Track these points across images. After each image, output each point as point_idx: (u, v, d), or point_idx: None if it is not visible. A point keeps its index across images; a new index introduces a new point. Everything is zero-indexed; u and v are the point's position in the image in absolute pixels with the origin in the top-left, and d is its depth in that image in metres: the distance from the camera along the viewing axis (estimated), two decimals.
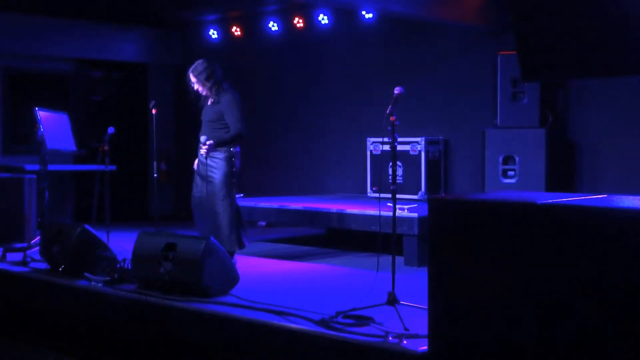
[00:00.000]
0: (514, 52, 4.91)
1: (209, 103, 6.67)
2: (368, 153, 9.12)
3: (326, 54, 10.08)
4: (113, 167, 7.71)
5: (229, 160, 6.53)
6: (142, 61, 11.54)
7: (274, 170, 10.61)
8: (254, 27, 10.65)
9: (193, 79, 6.61)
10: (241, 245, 6.66)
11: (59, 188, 9.87)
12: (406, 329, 4.31)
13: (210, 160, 6.53)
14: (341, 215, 7.53)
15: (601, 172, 7.70)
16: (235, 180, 6.60)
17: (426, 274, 3.98)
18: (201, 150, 6.54)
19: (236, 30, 10.80)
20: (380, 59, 9.47)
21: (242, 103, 6.65)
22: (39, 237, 7.02)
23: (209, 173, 6.52)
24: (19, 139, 10.19)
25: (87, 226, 6.34)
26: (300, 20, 10.01)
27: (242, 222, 6.81)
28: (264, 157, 10.74)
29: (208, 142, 6.49)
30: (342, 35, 9.82)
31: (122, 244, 6.83)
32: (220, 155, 6.52)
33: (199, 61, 6.67)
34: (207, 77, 6.59)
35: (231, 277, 5.59)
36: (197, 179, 6.69)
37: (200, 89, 6.65)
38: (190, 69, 6.64)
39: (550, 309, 3.55)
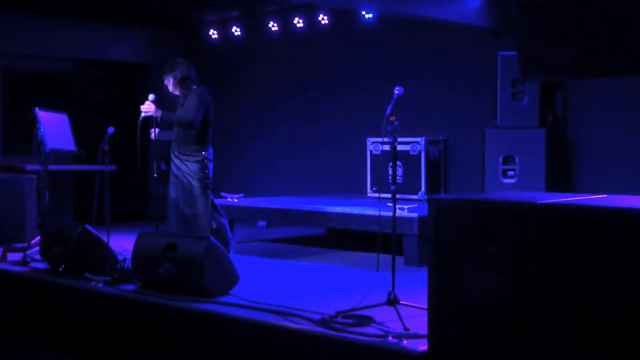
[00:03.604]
0: (514, 52, 4.91)
1: (180, 102, 6.61)
2: (368, 153, 9.11)
3: (326, 54, 10.08)
4: (113, 167, 7.70)
5: (202, 162, 6.49)
6: (142, 61, 11.54)
7: (274, 170, 10.61)
8: (254, 27, 10.65)
9: (168, 75, 6.52)
10: None
11: (59, 188, 9.86)
12: (406, 329, 4.32)
13: (181, 164, 6.49)
14: (341, 215, 7.53)
15: (601, 172, 7.70)
16: (210, 182, 6.57)
17: (426, 274, 3.99)
18: (143, 106, 6.38)
19: (236, 30, 10.80)
20: (380, 59, 9.47)
21: (206, 98, 6.51)
22: (39, 237, 7.03)
23: (183, 175, 6.48)
24: (19, 139, 10.19)
25: (87, 226, 6.34)
26: (300, 20, 10.02)
27: (224, 230, 6.77)
28: (264, 157, 10.75)
29: (155, 107, 6.35)
30: (342, 35, 9.82)
31: (122, 244, 6.83)
32: (193, 158, 6.49)
33: (177, 60, 6.61)
34: (182, 76, 6.50)
35: (231, 277, 5.59)
36: (172, 180, 6.63)
37: (172, 86, 6.56)
38: (167, 65, 6.56)
39: (550, 308, 3.55)
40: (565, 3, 4.55)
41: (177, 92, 6.59)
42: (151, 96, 6.43)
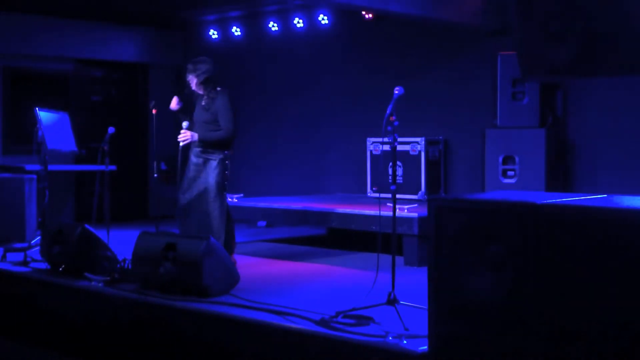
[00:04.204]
0: (514, 52, 4.90)
1: (203, 104, 6.59)
2: (368, 153, 9.11)
3: (326, 54, 10.08)
4: (113, 167, 7.70)
5: (222, 162, 6.49)
6: (142, 61, 11.54)
7: (274, 170, 10.60)
8: (254, 27, 10.65)
9: (192, 74, 6.54)
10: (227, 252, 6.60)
11: (59, 188, 9.87)
12: (406, 329, 4.32)
13: (202, 164, 6.49)
14: (341, 215, 7.53)
15: (601, 172, 7.70)
16: (227, 183, 6.57)
17: (426, 274, 3.99)
18: (180, 136, 6.49)
19: (236, 30, 10.80)
20: (380, 59, 9.46)
21: (235, 105, 6.58)
22: (39, 237, 7.03)
23: (202, 174, 6.49)
24: (19, 139, 10.18)
25: (87, 226, 6.34)
26: (300, 20, 10.02)
27: (231, 232, 6.75)
28: (264, 157, 10.74)
29: (191, 133, 6.46)
30: (342, 35, 9.82)
31: (122, 244, 6.83)
32: (214, 157, 6.49)
33: (202, 58, 6.63)
34: (206, 76, 6.52)
35: (231, 277, 5.59)
36: (185, 182, 6.62)
37: (195, 86, 6.57)
38: (191, 63, 6.56)
39: (550, 309, 3.55)
40: (564, 3, 4.55)
41: (200, 92, 6.61)
42: (185, 124, 6.54)
